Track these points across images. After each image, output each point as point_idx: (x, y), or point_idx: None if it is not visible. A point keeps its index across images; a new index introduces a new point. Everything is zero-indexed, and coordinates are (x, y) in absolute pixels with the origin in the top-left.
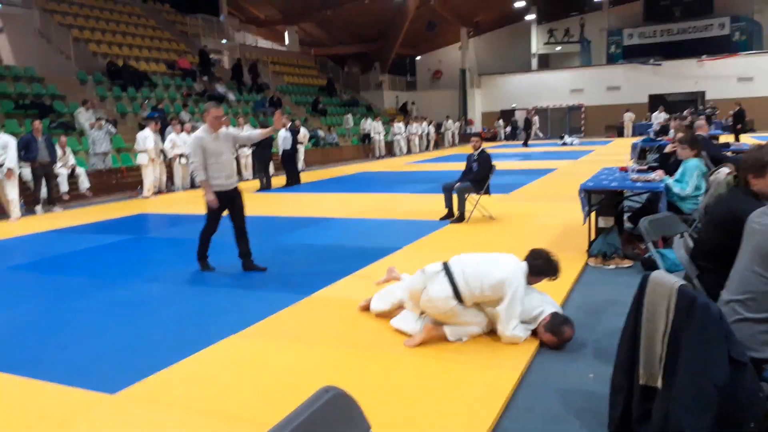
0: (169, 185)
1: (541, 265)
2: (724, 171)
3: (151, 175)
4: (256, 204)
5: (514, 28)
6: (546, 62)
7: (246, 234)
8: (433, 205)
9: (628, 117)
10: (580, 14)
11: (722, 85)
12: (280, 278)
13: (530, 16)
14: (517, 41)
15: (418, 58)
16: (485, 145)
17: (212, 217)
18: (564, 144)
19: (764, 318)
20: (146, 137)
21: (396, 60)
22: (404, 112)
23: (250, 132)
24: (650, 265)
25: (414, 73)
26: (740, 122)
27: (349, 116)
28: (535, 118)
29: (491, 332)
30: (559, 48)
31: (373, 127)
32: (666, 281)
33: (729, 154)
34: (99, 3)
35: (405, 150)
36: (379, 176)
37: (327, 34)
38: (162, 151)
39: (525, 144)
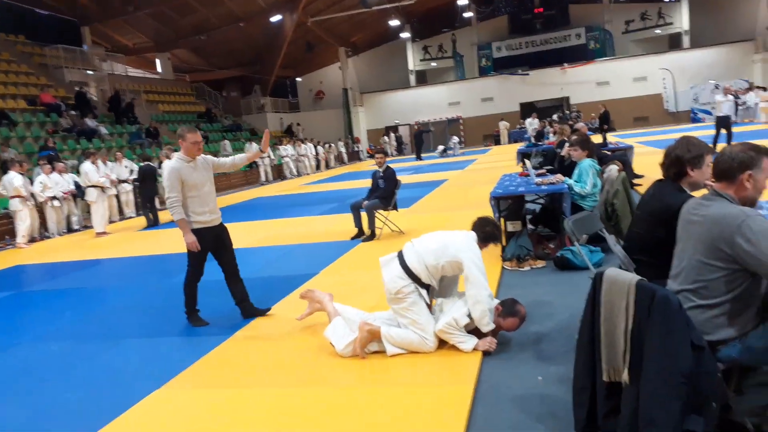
0: (43, 231)
1: (490, 231)
2: (614, 168)
3: (27, 219)
4: (146, 242)
5: (391, 47)
6: (424, 78)
7: (239, 274)
8: (341, 225)
9: (503, 125)
10: (451, 30)
11: (584, 90)
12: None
13: (405, 35)
14: (395, 59)
15: (299, 79)
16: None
17: (196, 261)
18: (446, 153)
19: (716, 303)
20: (12, 179)
21: (277, 82)
22: (290, 134)
23: (233, 157)
24: (562, 263)
25: (296, 95)
26: (606, 123)
27: (227, 142)
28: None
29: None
30: (434, 63)
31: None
32: (622, 278)
33: (608, 152)
34: None
35: (296, 172)
36: (276, 201)
37: (203, 59)
38: (32, 195)
39: (418, 158)
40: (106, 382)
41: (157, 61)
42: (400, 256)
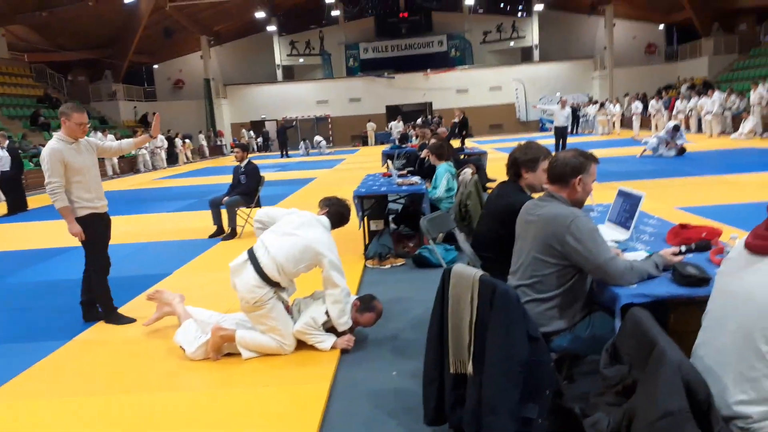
0: None
1: (341, 212)
2: (468, 171)
3: None
4: None
5: (257, 39)
6: (291, 74)
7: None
8: (199, 222)
9: (371, 126)
10: (319, 27)
11: (445, 96)
12: (25, 325)
13: (271, 28)
14: (261, 52)
15: (156, 66)
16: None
17: (98, 250)
18: (308, 152)
19: (549, 297)
20: None
21: (131, 68)
22: (145, 124)
23: (120, 142)
24: (420, 261)
25: (152, 83)
26: (465, 128)
27: (102, 134)
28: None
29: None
30: (302, 60)
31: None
32: (467, 273)
33: (463, 156)
34: None
35: (150, 166)
36: (127, 195)
37: (45, 38)
38: None
39: (284, 155)
40: None
41: None
42: (254, 260)
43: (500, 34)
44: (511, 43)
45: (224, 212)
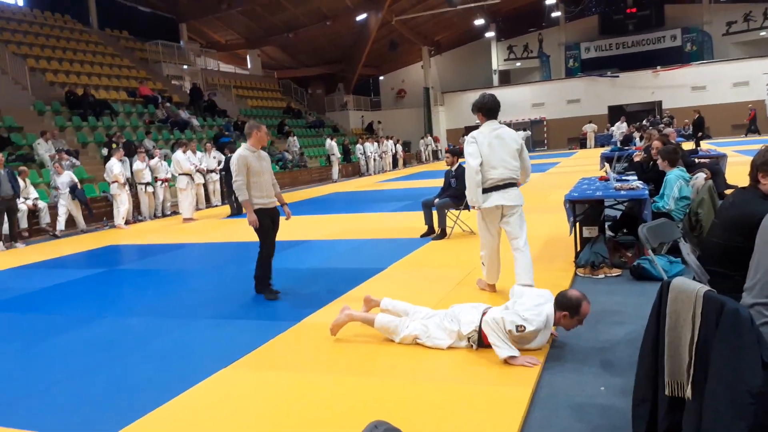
0: (136, 215)
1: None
2: (702, 176)
3: (126, 203)
4: (228, 230)
5: (475, 46)
6: (507, 78)
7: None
8: (412, 222)
9: (590, 128)
10: (538, 30)
11: (677, 94)
12: (264, 306)
13: (490, 34)
14: (478, 58)
15: (382, 77)
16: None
17: (264, 238)
18: None
19: None
20: (112, 166)
21: (360, 80)
22: (371, 132)
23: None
24: (639, 273)
25: (378, 93)
26: (700, 130)
27: (331, 140)
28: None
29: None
30: (519, 64)
31: (330, 148)
32: (689, 288)
33: (698, 160)
34: (55, 32)
35: (374, 169)
36: (352, 196)
37: (290, 56)
38: (128, 180)
39: None
40: (177, 358)
41: (248, 58)
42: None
43: (748, 24)
44: (763, 33)
45: (435, 213)
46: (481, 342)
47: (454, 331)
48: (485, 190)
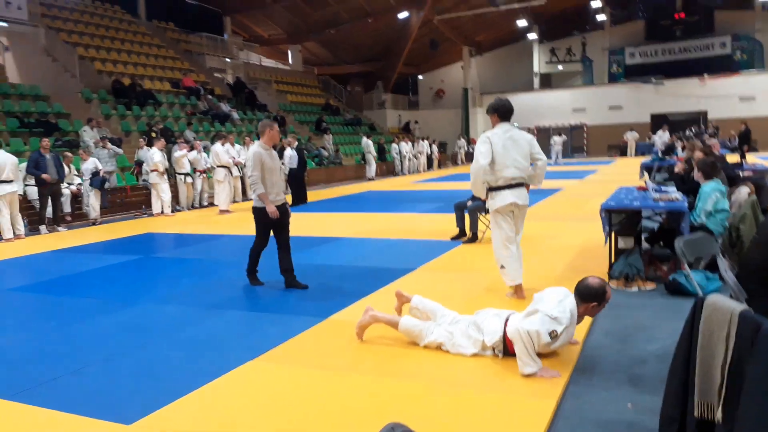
0: (174, 205)
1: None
2: (744, 191)
3: (168, 192)
4: None
5: (516, 48)
6: (548, 81)
7: (290, 249)
8: (444, 224)
9: (632, 136)
10: (581, 33)
11: (724, 104)
12: (294, 300)
13: (532, 36)
14: (519, 60)
15: (421, 77)
16: None
17: (262, 233)
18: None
19: None
20: (152, 155)
21: (398, 79)
22: (407, 131)
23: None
24: (674, 288)
25: (416, 92)
26: (746, 142)
27: (367, 138)
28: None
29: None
30: (560, 67)
31: (366, 146)
32: (725, 306)
33: (744, 174)
34: (105, 21)
35: (409, 169)
36: (386, 195)
37: (330, 53)
38: (167, 170)
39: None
40: (206, 347)
41: (289, 53)
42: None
43: None
44: None
45: (467, 216)
46: (507, 350)
47: (479, 341)
48: (498, 188)
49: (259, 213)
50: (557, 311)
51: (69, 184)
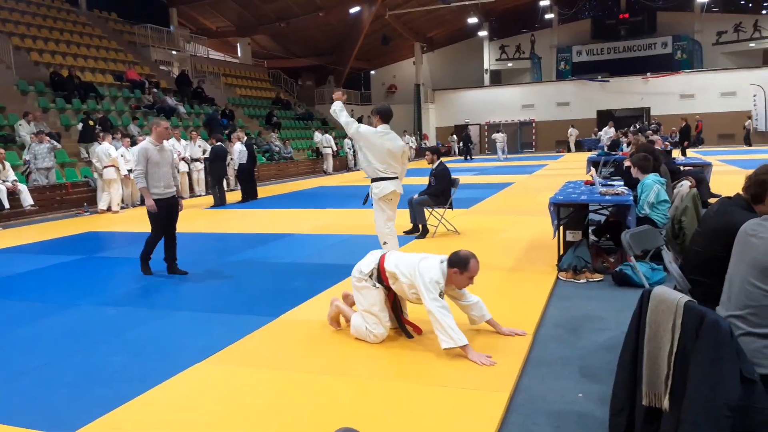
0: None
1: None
2: (686, 184)
3: (121, 189)
4: (211, 221)
5: (467, 44)
6: (498, 78)
7: (175, 240)
8: (399, 219)
9: (573, 132)
10: (530, 31)
11: (666, 101)
12: (243, 299)
13: (483, 33)
14: (470, 57)
15: (373, 72)
16: (443, 159)
17: (156, 225)
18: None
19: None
20: (107, 150)
21: (351, 74)
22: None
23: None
24: (621, 279)
25: (369, 87)
26: (686, 138)
27: (324, 134)
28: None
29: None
30: (510, 64)
31: (324, 140)
32: (670, 297)
33: (683, 168)
34: (42, 11)
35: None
36: (337, 191)
37: (281, 46)
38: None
39: (466, 159)
40: (153, 350)
41: (238, 46)
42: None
43: (738, 34)
44: (752, 44)
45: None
46: (381, 281)
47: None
48: (381, 179)
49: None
50: (432, 274)
51: (3, 180)
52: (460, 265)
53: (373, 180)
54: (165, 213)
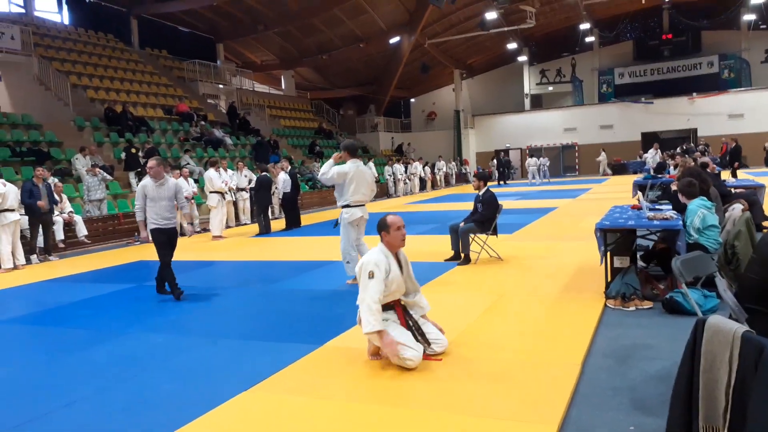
0: None
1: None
2: (738, 207)
3: (221, 214)
4: (256, 248)
5: (507, 69)
6: (539, 102)
7: (170, 266)
8: (438, 246)
9: (602, 157)
10: (571, 55)
11: (713, 122)
12: (287, 327)
13: (522, 58)
14: (510, 82)
15: (413, 100)
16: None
17: (160, 251)
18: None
19: None
20: (211, 176)
21: (391, 102)
22: (400, 153)
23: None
24: (672, 307)
25: (409, 115)
26: (737, 159)
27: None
28: (534, 159)
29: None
30: (551, 88)
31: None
32: (726, 327)
33: (735, 190)
34: (97, 50)
35: (402, 191)
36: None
37: (323, 77)
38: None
39: (499, 183)
40: (199, 377)
41: (282, 78)
42: None
43: None
44: None
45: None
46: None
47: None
48: (352, 206)
49: (152, 234)
50: (369, 257)
51: (60, 212)
52: (383, 227)
53: (344, 207)
54: (166, 241)
